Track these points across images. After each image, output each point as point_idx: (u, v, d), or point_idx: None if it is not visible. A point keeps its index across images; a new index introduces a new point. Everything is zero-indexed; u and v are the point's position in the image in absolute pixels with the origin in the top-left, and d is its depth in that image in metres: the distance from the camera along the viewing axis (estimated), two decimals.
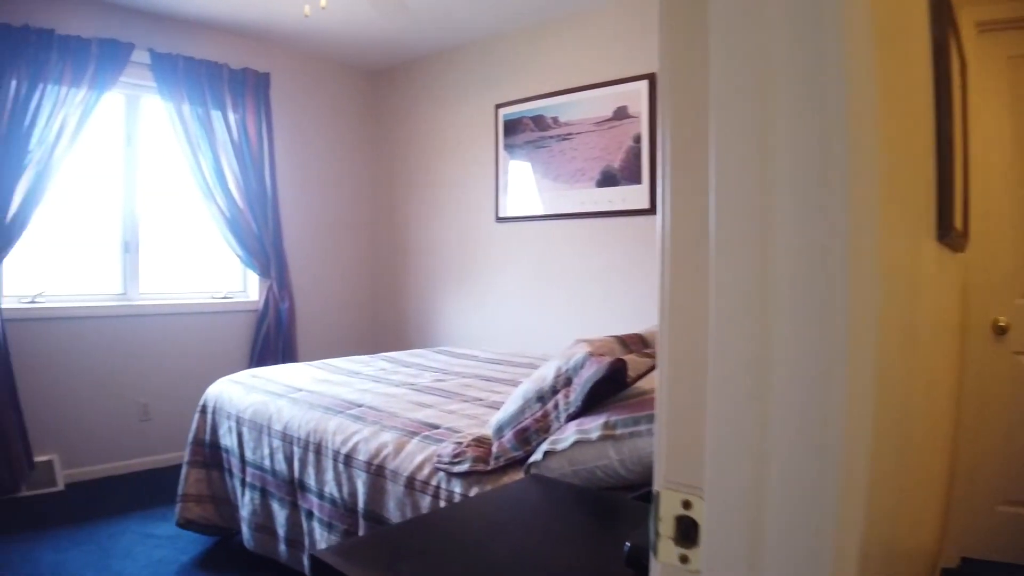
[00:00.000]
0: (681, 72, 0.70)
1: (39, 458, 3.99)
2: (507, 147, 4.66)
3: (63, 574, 2.96)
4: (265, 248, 4.81)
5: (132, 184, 4.48)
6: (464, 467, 1.95)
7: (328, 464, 2.46)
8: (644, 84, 3.97)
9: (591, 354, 1.86)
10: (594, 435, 1.66)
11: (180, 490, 3.21)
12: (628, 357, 1.95)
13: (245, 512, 2.91)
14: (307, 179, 5.24)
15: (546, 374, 1.97)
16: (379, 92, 5.68)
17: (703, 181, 0.67)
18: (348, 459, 2.37)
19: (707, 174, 0.66)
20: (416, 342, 5.31)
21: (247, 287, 5.05)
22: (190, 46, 4.53)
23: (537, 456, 1.76)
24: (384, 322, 5.64)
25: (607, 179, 4.13)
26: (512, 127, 4.63)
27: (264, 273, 4.86)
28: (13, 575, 2.97)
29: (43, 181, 3.89)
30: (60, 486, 4.02)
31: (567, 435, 1.72)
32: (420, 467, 2.11)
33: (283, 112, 5.04)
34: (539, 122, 4.47)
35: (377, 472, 2.23)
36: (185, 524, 3.18)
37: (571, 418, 1.80)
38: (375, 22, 4.49)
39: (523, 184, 4.58)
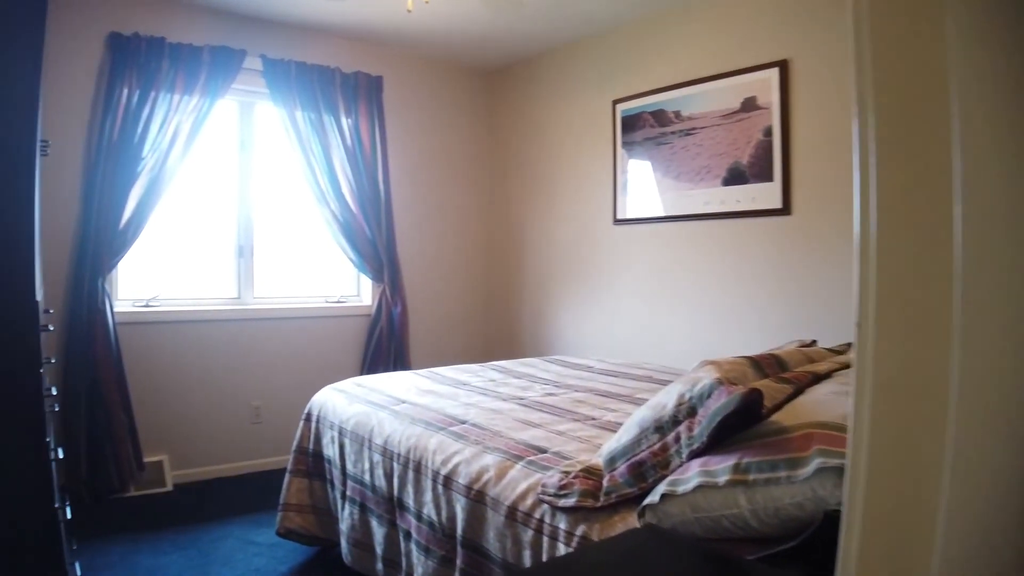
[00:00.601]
0: (900, 57, 0.59)
1: (149, 459, 4.07)
2: (625, 145, 4.40)
3: None
4: (378, 252, 4.75)
5: (247, 189, 4.52)
6: (571, 501, 1.73)
7: (427, 484, 2.30)
8: (774, 72, 3.63)
9: (720, 381, 1.60)
10: (722, 479, 1.40)
11: (282, 499, 3.14)
12: (763, 384, 1.68)
13: (344, 526, 2.80)
14: (420, 182, 5.16)
15: (666, 401, 1.72)
16: (492, 92, 5.54)
17: (930, 175, 0.54)
18: (448, 481, 2.19)
19: (939, 167, 0.53)
20: (529, 349, 5.13)
21: (360, 291, 5.01)
22: (302, 51, 4.53)
23: (654, 498, 1.52)
24: (496, 328, 5.49)
25: (734, 177, 3.81)
26: (631, 123, 4.36)
27: (377, 277, 4.80)
28: None
29: (157, 188, 3.95)
30: (169, 487, 4.08)
31: (689, 476, 1.47)
32: (523, 496, 1.90)
33: (396, 115, 4.97)
34: (659, 117, 4.19)
35: (477, 498, 2.04)
36: (285, 534, 3.11)
37: (694, 455, 1.55)
38: (487, 20, 4.35)
39: (643, 184, 4.31)
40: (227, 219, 4.50)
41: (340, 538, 2.85)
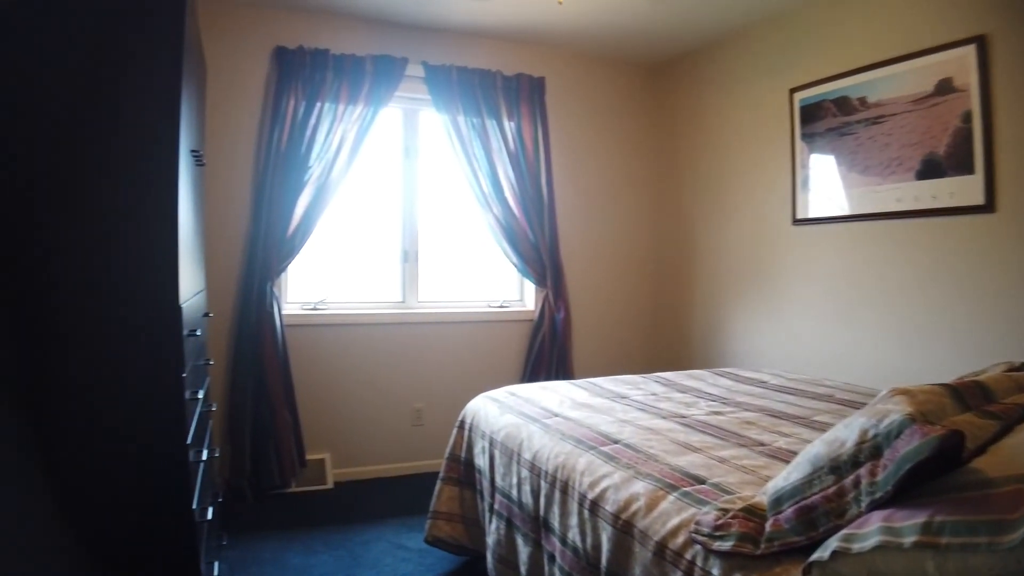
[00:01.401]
0: None
1: (312, 456, 4.21)
2: (805, 137, 4.02)
3: None
4: (541, 256, 4.65)
5: (411, 195, 4.57)
6: (727, 545, 1.51)
7: (573, 507, 2.14)
8: (970, 49, 3.15)
9: (913, 417, 1.31)
10: (908, 540, 1.14)
11: (432, 506, 3.10)
12: (964, 420, 1.38)
13: (490, 540, 2.69)
14: (584, 184, 5.00)
15: (846, 437, 1.45)
16: (658, 87, 5.28)
17: None
18: (594, 506, 2.02)
19: None
20: (698, 360, 4.83)
21: (523, 296, 4.94)
22: (463, 56, 4.52)
23: (823, 553, 1.27)
24: (664, 336, 5.23)
25: (930, 169, 3.35)
26: (810, 113, 3.98)
27: (540, 282, 4.70)
28: (261, 575, 3.04)
29: (323, 195, 4.07)
30: (329, 484, 4.19)
31: (868, 531, 1.22)
32: (674, 533, 1.70)
33: (559, 116, 4.85)
34: (842, 105, 3.78)
35: (624, 528, 1.86)
36: (433, 541, 3.06)
37: (875, 506, 1.29)
38: (648, 12, 4.13)
39: (825, 179, 3.90)
40: (392, 224, 4.58)
41: (487, 551, 2.76)
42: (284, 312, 4.12)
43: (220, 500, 3.37)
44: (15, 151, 1.83)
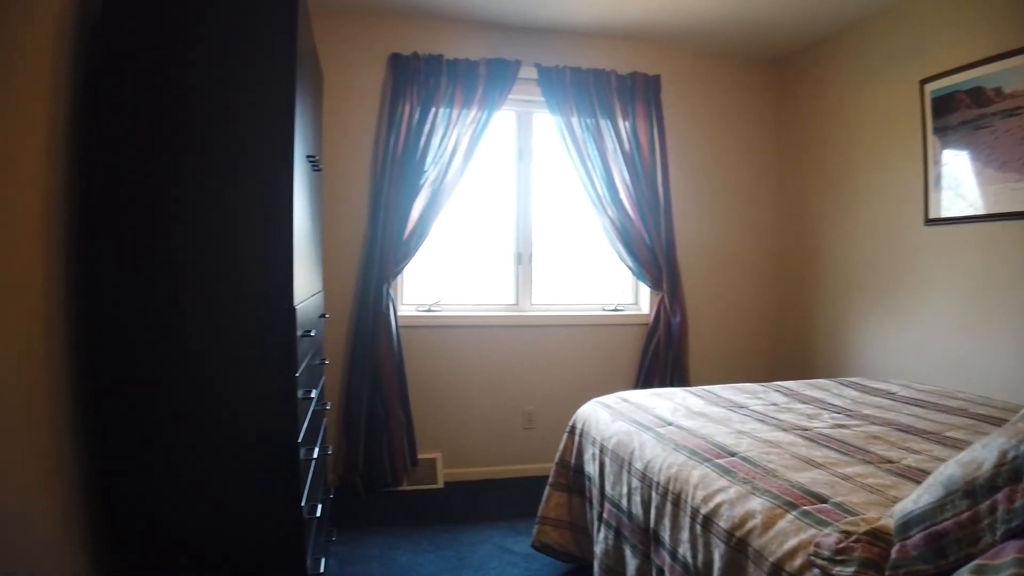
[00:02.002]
0: None
1: (423, 456, 4.28)
2: (937, 131, 3.71)
3: None
4: (657, 259, 4.54)
5: (525, 197, 4.57)
6: (848, 571, 1.41)
7: (685, 521, 2.05)
8: None
9: None
10: None
11: (540, 511, 3.07)
12: None
13: (598, 549, 2.64)
14: (702, 185, 4.84)
15: (983, 458, 1.32)
16: (778, 83, 5.04)
17: None
18: (707, 521, 1.94)
19: None
20: (821, 368, 4.59)
21: (638, 300, 4.84)
22: (576, 56, 4.47)
23: None
24: (785, 343, 5.00)
25: None
26: (942, 105, 3.67)
27: (655, 285, 4.59)
28: (367, 571, 3.09)
29: (438, 199, 4.12)
30: (440, 484, 4.25)
31: (1002, 562, 1.10)
32: (791, 554, 1.59)
33: (675, 114, 4.72)
34: (977, 96, 3.46)
35: (738, 547, 1.77)
36: (540, 547, 3.03)
37: (1012, 535, 1.16)
38: (767, 4, 3.95)
39: (960, 176, 3.61)
40: (506, 227, 4.59)
41: (594, 560, 2.71)
42: (399, 313, 4.20)
43: (331, 496, 3.46)
44: (142, 154, 1.91)
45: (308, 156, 2.46)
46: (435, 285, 4.47)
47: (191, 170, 1.94)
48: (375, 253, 4.04)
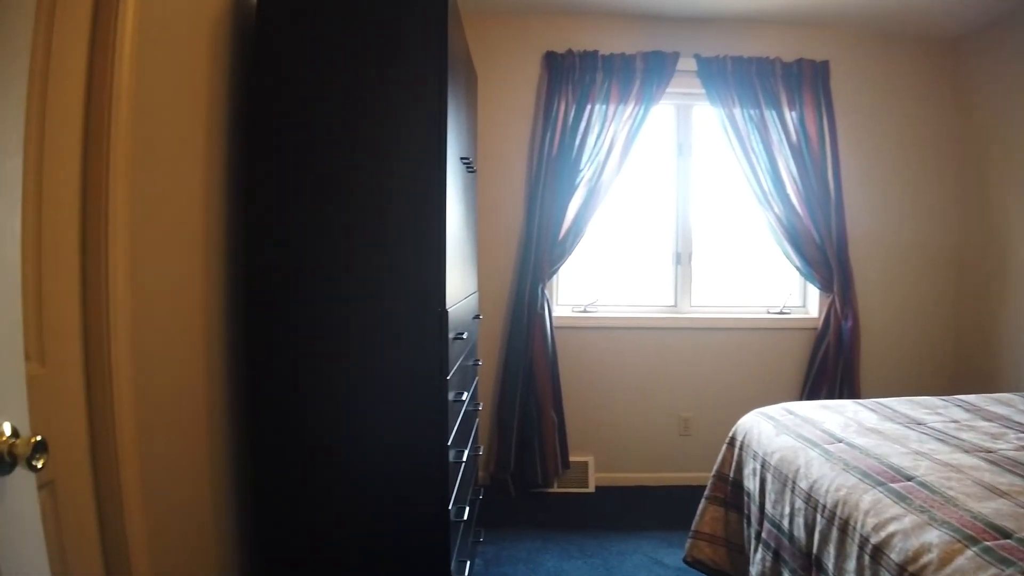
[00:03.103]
0: None
1: (575, 459, 4.23)
2: None
3: None
4: (827, 259, 4.25)
5: (685, 195, 4.41)
6: None
7: (852, 550, 1.88)
8: None
9: None
10: None
11: (694, 525, 2.93)
12: None
13: (754, 571, 2.48)
14: (876, 178, 4.44)
15: None
16: (959, 65, 4.51)
17: None
18: (877, 552, 1.76)
19: None
20: (1007, 381, 4.08)
21: (806, 302, 4.55)
22: (737, 45, 4.24)
23: None
24: (968, 353, 4.48)
25: None
26: None
27: (826, 287, 4.30)
28: (513, 574, 3.07)
29: (594, 197, 4.07)
30: (591, 488, 4.20)
31: None
32: None
33: (845, 103, 4.36)
34: None
35: None
36: (692, 563, 2.90)
37: None
38: None
39: None
40: (665, 226, 4.45)
41: None
42: (555, 314, 4.17)
43: (480, 496, 3.47)
44: (295, 158, 1.98)
45: (462, 158, 2.47)
46: (591, 286, 4.40)
47: (344, 175, 1.99)
48: (530, 253, 4.03)
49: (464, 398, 2.38)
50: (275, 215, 2.00)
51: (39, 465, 1.04)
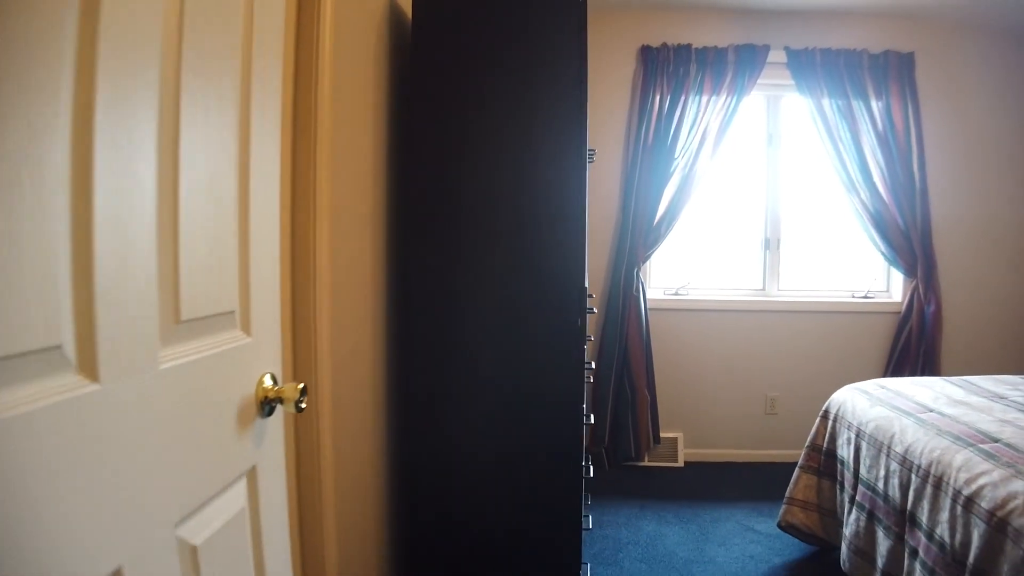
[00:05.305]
0: None
1: (665, 434, 4.48)
2: None
3: (660, 546, 3.24)
4: (911, 245, 4.39)
5: (774, 182, 4.60)
6: None
7: (945, 503, 2.10)
8: None
9: None
10: None
11: (788, 492, 3.16)
12: None
13: (848, 531, 2.70)
14: (961, 167, 4.54)
15: None
16: None
17: None
18: (968, 503, 1.98)
19: None
20: None
21: (890, 287, 4.69)
22: (825, 37, 4.40)
23: None
24: None
25: None
26: None
27: (909, 272, 4.44)
28: (617, 535, 3.35)
29: (688, 185, 4.28)
30: (680, 463, 4.45)
31: None
32: None
33: (931, 94, 4.47)
34: None
35: (998, 527, 1.81)
36: (786, 527, 3.12)
37: None
38: None
39: None
40: (755, 212, 4.64)
41: (841, 542, 2.78)
42: (649, 296, 4.42)
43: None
44: (459, 157, 2.27)
45: (589, 150, 2.72)
46: (683, 269, 4.62)
47: (493, 171, 2.27)
48: (626, 238, 4.29)
49: (592, 366, 2.65)
50: (428, 205, 2.29)
51: (304, 406, 1.32)
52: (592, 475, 2.69)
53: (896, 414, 2.67)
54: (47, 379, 0.76)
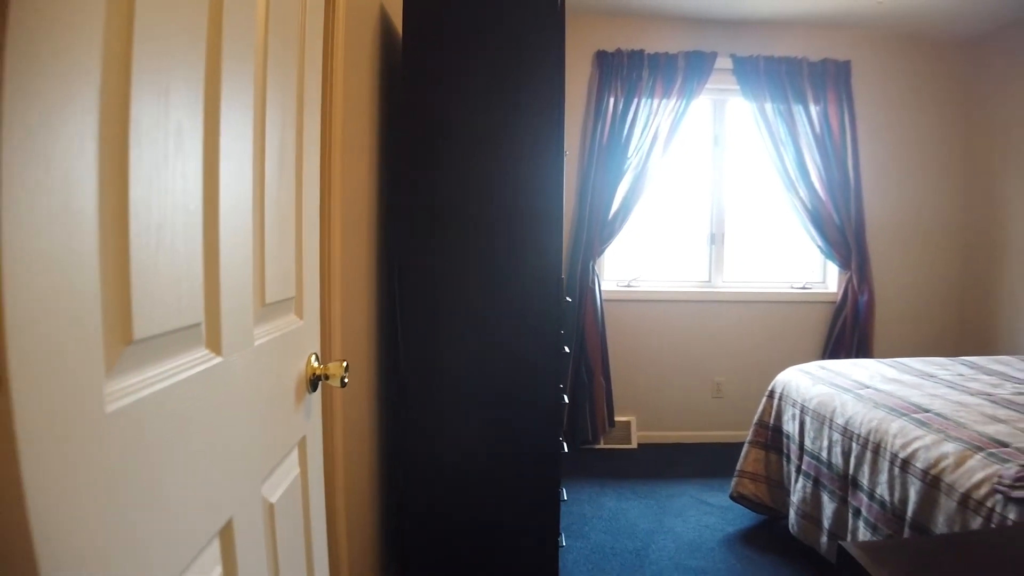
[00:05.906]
0: None
1: (619, 418, 4.75)
2: None
3: (622, 519, 3.48)
4: (846, 239, 4.73)
5: (719, 181, 4.88)
6: None
7: (884, 466, 2.38)
8: None
9: None
10: None
11: (738, 466, 3.44)
12: None
13: (795, 498, 2.98)
14: (892, 168, 4.94)
15: None
16: (970, 65, 4.99)
17: None
18: (905, 464, 2.26)
19: None
20: (1006, 348, 4.62)
21: (826, 278, 5.03)
22: (769, 46, 4.71)
23: None
24: (970, 323, 5.01)
25: None
26: None
27: (844, 265, 4.79)
28: (581, 511, 3.58)
29: (640, 183, 4.53)
30: (634, 445, 4.72)
31: None
32: (978, 485, 1.91)
33: (866, 99, 4.85)
34: None
35: (932, 483, 2.09)
36: (737, 498, 3.40)
37: None
38: None
39: None
40: (701, 209, 4.92)
41: (789, 509, 3.06)
42: (603, 288, 4.66)
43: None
44: (450, 151, 2.45)
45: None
46: (635, 263, 4.88)
47: (477, 168, 2.45)
48: (583, 233, 4.52)
49: (567, 351, 2.85)
50: (416, 201, 2.44)
51: (347, 381, 1.49)
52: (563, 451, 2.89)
53: (836, 391, 2.96)
54: (188, 353, 0.89)
